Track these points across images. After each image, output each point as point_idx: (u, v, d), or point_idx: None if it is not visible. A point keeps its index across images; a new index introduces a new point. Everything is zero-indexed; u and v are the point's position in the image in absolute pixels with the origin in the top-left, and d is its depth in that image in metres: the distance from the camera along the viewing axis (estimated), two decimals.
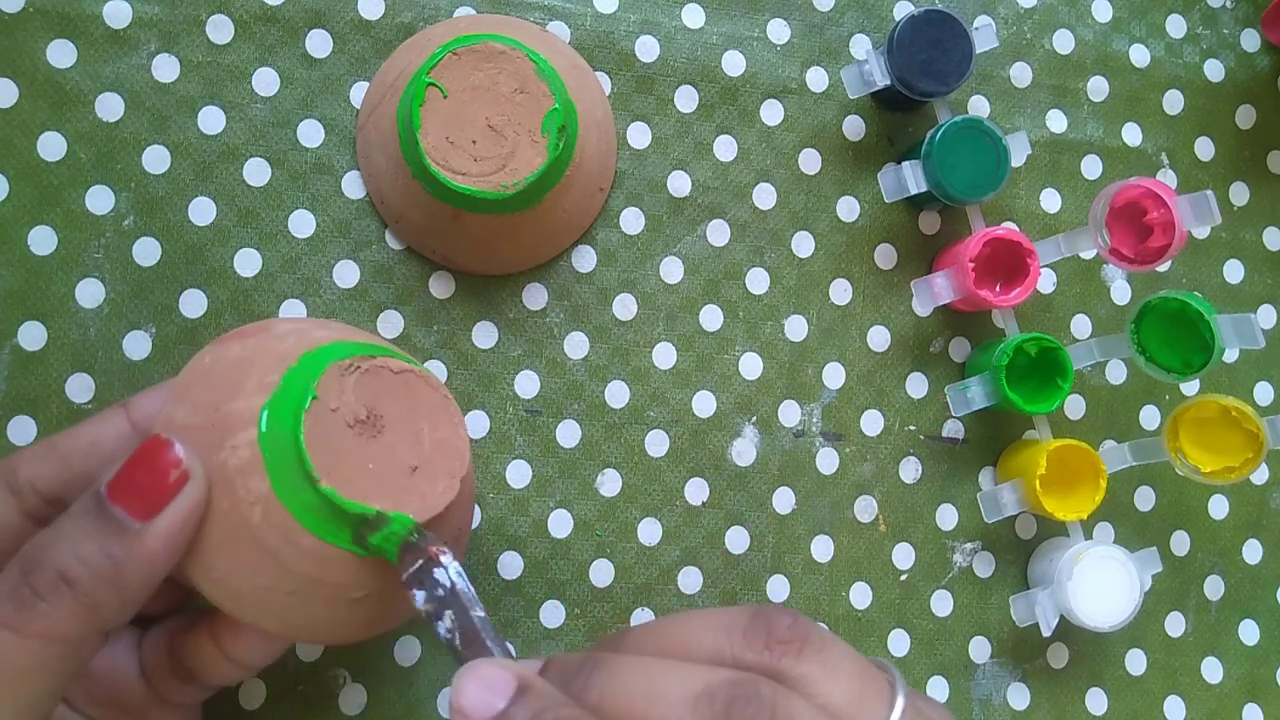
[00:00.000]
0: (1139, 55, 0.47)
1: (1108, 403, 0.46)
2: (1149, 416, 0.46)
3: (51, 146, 0.39)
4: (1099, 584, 0.41)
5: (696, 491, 0.43)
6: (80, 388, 0.39)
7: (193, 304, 0.40)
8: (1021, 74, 0.46)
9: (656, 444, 0.42)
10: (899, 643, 0.43)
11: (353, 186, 0.41)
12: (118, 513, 0.26)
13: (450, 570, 0.28)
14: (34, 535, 0.27)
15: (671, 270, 0.43)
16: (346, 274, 0.41)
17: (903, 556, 0.44)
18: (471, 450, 0.36)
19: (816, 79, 0.44)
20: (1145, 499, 0.46)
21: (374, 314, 0.41)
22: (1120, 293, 0.46)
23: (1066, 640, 0.44)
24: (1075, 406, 0.45)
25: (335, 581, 0.30)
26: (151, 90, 0.40)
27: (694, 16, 0.44)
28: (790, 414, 0.43)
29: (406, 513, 0.29)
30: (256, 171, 0.41)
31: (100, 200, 0.40)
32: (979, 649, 0.44)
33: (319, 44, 0.41)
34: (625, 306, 0.43)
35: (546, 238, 0.41)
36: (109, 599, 0.26)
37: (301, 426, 0.28)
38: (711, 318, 0.43)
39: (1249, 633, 0.46)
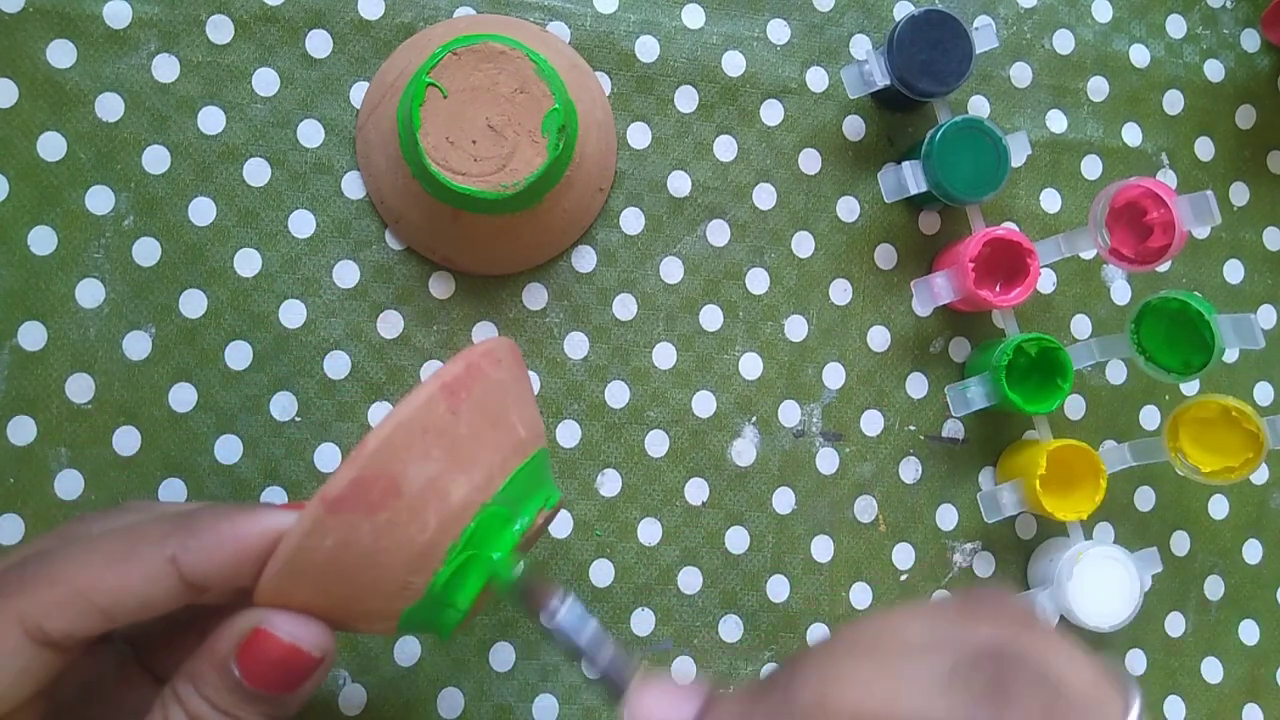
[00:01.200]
0: (1139, 55, 0.47)
1: (1108, 403, 0.46)
2: (1149, 416, 0.46)
3: (51, 146, 0.39)
4: (1099, 584, 0.41)
5: (696, 491, 0.43)
6: (80, 388, 0.39)
7: (193, 304, 0.40)
8: (1021, 74, 0.46)
9: (656, 444, 0.42)
10: None
11: (353, 186, 0.41)
12: (262, 693, 0.27)
13: (559, 619, 0.27)
14: (56, 668, 0.26)
15: (671, 270, 0.43)
16: (346, 274, 0.41)
17: (903, 556, 0.44)
18: None
19: (816, 79, 0.44)
20: (1145, 499, 0.46)
21: (374, 314, 0.41)
22: (1120, 293, 0.46)
23: None
24: (1075, 406, 0.45)
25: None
26: (151, 90, 0.40)
27: (694, 16, 0.44)
28: (790, 414, 0.43)
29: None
30: (256, 171, 0.41)
31: (100, 200, 0.40)
32: None
33: (319, 44, 0.41)
34: (625, 306, 0.43)
35: (546, 238, 0.41)
36: (294, 710, 0.28)
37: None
38: (711, 318, 0.43)
39: (1249, 633, 0.46)
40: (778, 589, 0.43)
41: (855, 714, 0.20)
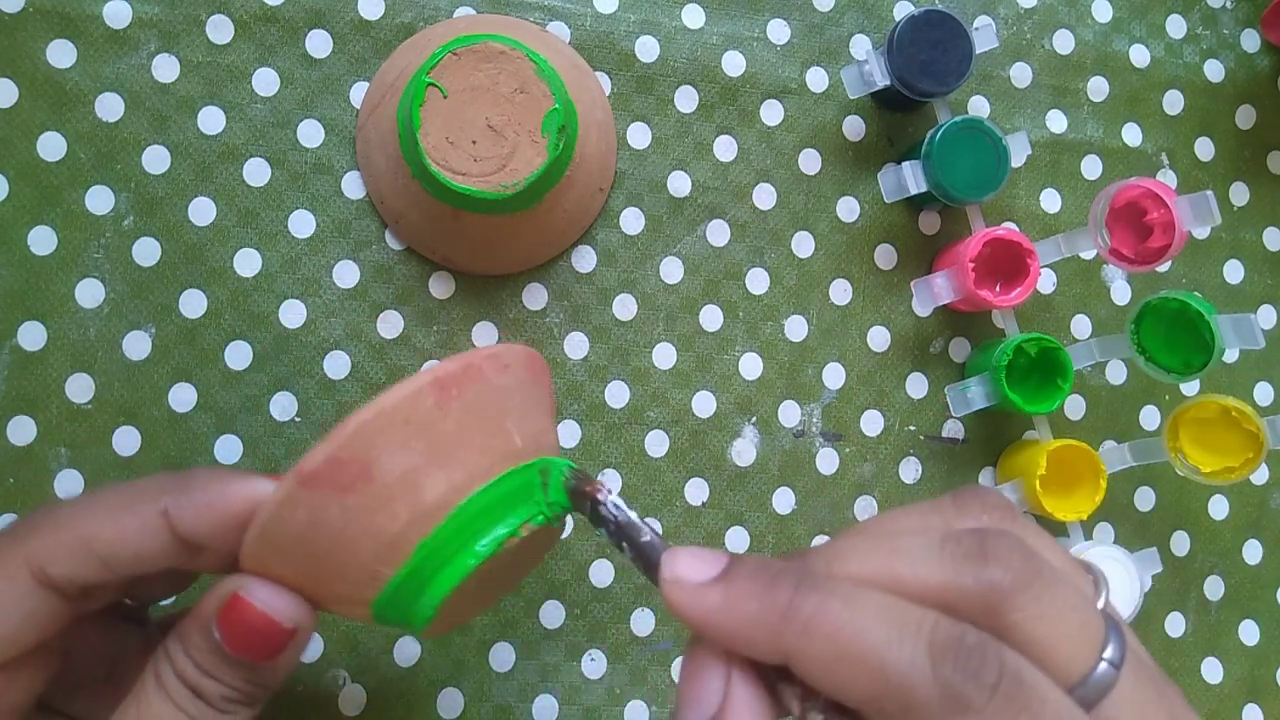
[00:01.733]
0: (1139, 55, 0.47)
1: (1108, 403, 0.46)
2: (1149, 416, 0.46)
3: (51, 146, 0.39)
4: None
5: (696, 492, 0.43)
6: (80, 388, 0.39)
7: (193, 304, 0.40)
8: (1021, 74, 0.46)
9: (656, 444, 0.42)
10: None
11: (353, 186, 0.41)
12: (244, 660, 0.27)
13: (609, 505, 0.27)
14: (65, 615, 0.27)
15: (671, 270, 0.43)
16: (346, 274, 0.41)
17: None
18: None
19: (816, 79, 0.44)
20: (1145, 499, 0.46)
21: (374, 314, 0.41)
22: (1120, 293, 0.46)
23: None
24: (1075, 406, 0.45)
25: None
26: (151, 90, 0.40)
27: (694, 16, 0.44)
28: (790, 414, 0.43)
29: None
30: (256, 171, 0.41)
31: (100, 200, 0.40)
32: None
33: (319, 44, 0.41)
34: (625, 306, 0.43)
35: (546, 238, 0.41)
36: (264, 694, 0.28)
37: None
38: (711, 318, 0.43)
39: (1249, 633, 0.46)
40: None
41: (859, 576, 0.24)
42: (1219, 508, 0.46)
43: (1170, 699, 0.24)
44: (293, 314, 0.41)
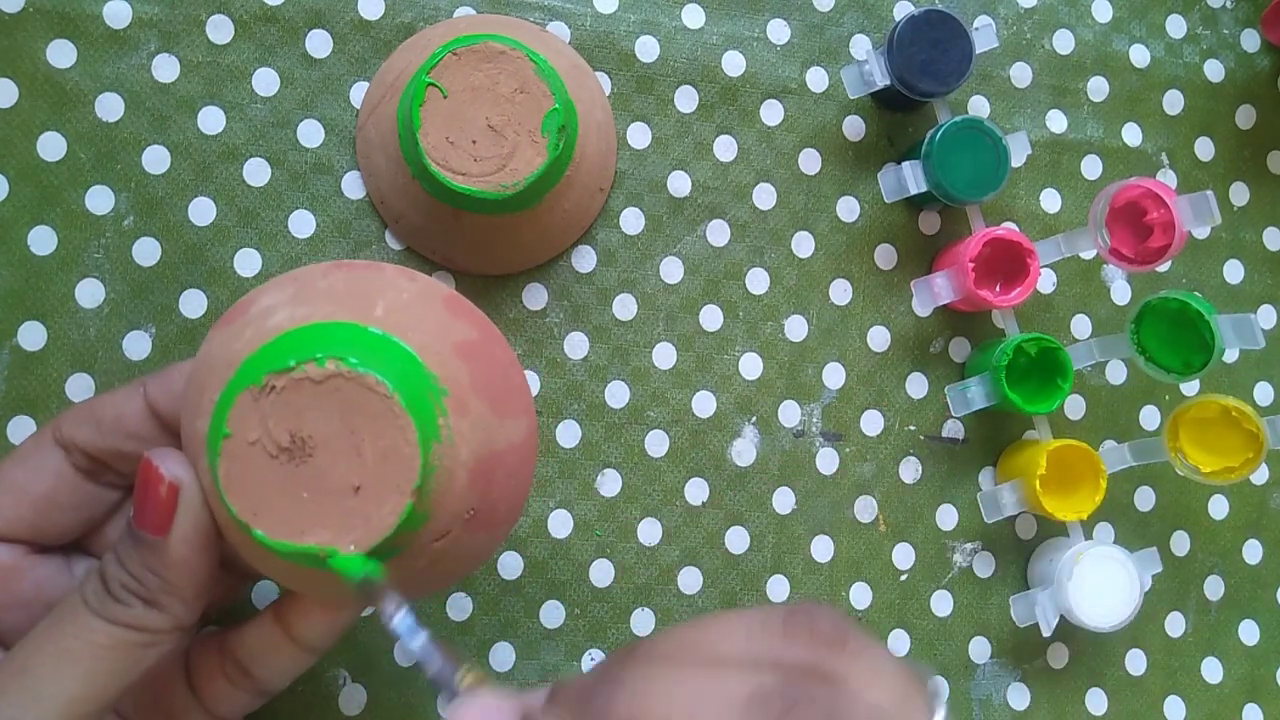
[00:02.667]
0: (1139, 55, 0.47)
1: (1108, 403, 0.46)
2: (1149, 416, 0.46)
3: (51, 146, 0.39)
4: (1099, 584, 0.41)
5: (696, 491, 0.43)
6: (80, 388, 0.39)
7: (193, 304, 0.40)
8: (1021, 74, 0.46)
9: (656, 444, 0.42)
10: (899, 643, 0.43)
11: (353, 186, 0.41)
12: (142, 534, 0.28)
13: (396, 625, 0.26)
14: (85, 489, 0.32)
15: (671, 270, 0.43)
16: None
17: (903, 556, 0.44)
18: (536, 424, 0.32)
19: (816, 79, 0.44)
20: (1145, 499, 0.46)
21: None
22: (1120, 293, 0.46)
23: (1066, 640, 0.44)
24: (1075, 406, 0.45)
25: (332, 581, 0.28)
26: (151, 90, 0.40)
27: (694, 16, 0.44)
28: (790, 414, 0.43)
29: (351, 540, 0.26)
30: (256, 171, 0.41)
31: (100, 200, 0.40)
32: (979, 649, 0.44)
33: (319, 44, 0.41)
34: (625, 306, 0.43)
35: (546, 238, 0.41)
36: (172, 603, 0.28)
37: (218, 470, 0.26)
38: (711, 318, 0.43)
39: (1249, 633, 0.46)
40: (778, 589, 0.43)
41: None
42: (1219, 508, 0.46)
43: None
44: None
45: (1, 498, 0.31)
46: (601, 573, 0.42)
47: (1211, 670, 0.45)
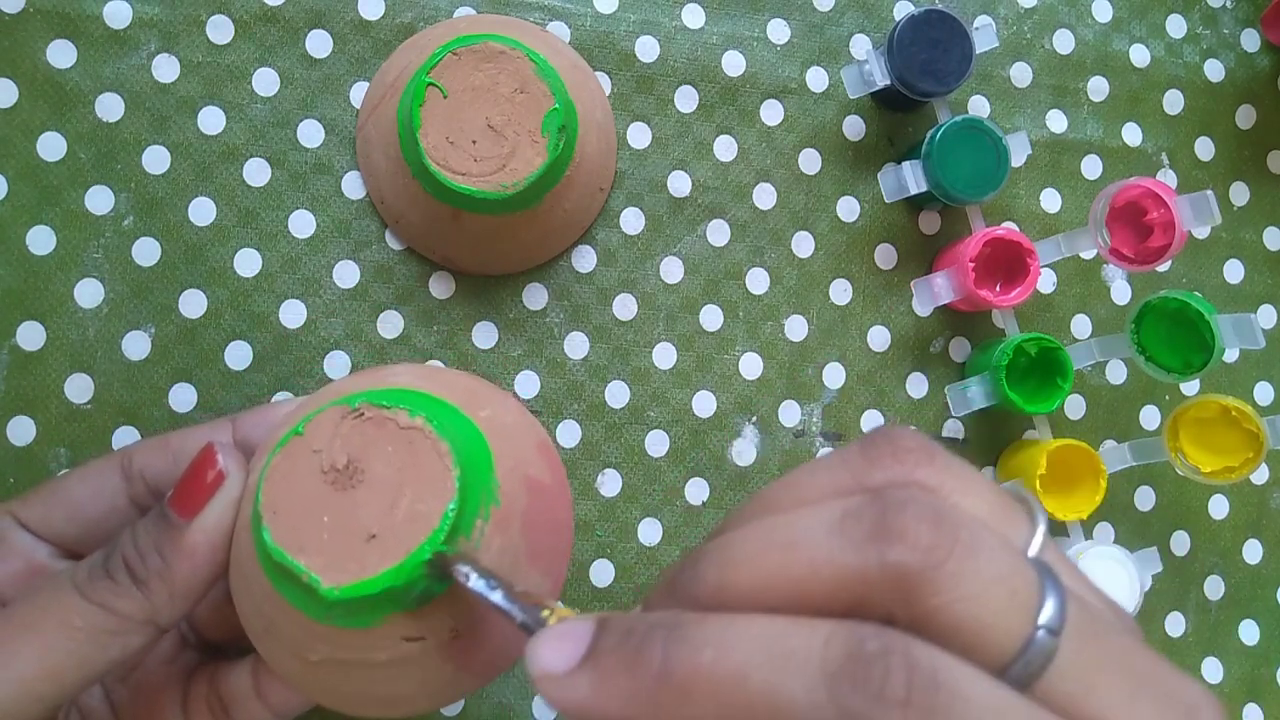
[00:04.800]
0: (1139, 55, 0.47)
1: (1108, 403, 0.46)
2: (1149, 416, 0.46)
3: (51, 146, 0.39)
4: (1099, 584, 0.41)
5: (696, 491, 0.43)
6: (79, 388, 0.39)
7: (192, 304, 0.40)
8: (1021, 74, 0.46)
9: (656, 444, 0.42)
10: None
11: (353, 186, 0.41)
12: (170, 513, 0.28)
13: (472, 586, 0.26)
14: (133, 519, 0.31)
15: (671, 270, 0.43)
16: (346, 274, 0.41)
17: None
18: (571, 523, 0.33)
19: (816, 79, 0.44)
20: (1145, 499, 0.46)
21: (374, 314, 0.41)
22: (1120, 293, 0.46)
23: None
24: (1075, 406, 0.45)
25: (317, 644, 0.28)
26: (151, 90, 0.40)
27: (694, 16, 0.44)
28: (790, 414, 0.43)
29: (335, 580, 0.26)
30: (256, 171, 0.41)
31: (100, 200, 0.40)
32: None
33: (319, 44, 0.41)
34: (625, 306, 0.43)
35: (546, 238, 0.41)
36: (159, 589, 0.28)
37: (270, 460, 0.27)
38: (711, 318, 0.43)
39: (1249, 633, 0.46)
40: None
41: (751, 587, 0.21)
42: (1219, 507, 0.46)
43: (1122, 652, 0.20)
44: (293, 314, 0.41)
45: (58, 508, 0.32)
46: (601, 573, 0.42)
47: (1211, 670, 0.45)
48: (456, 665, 0.29)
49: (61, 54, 0.40)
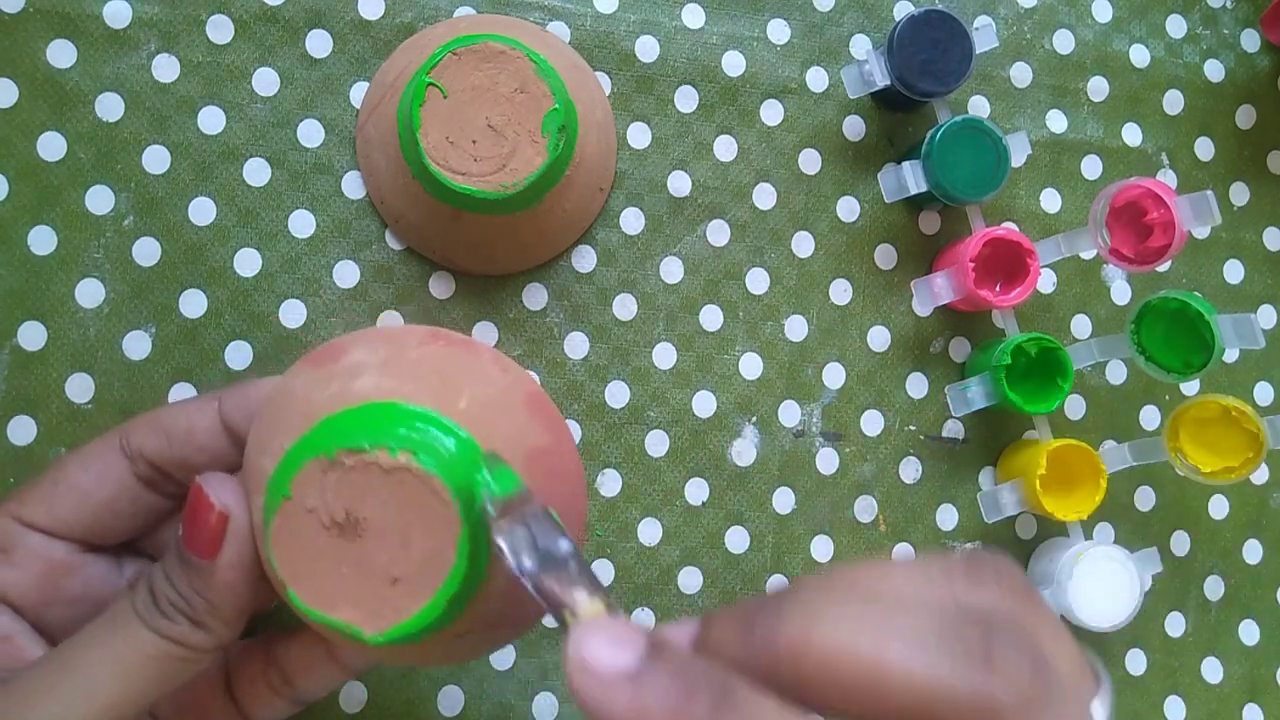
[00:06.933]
0: (1139, 55, 0.47)
1: (1108, 403, 0.46)
2: (1149, 416, 0.46)
3: (51, 146, 0.39)
4: (1099, 584, 0.41)
5: (696, 491, 0.43)
6: (80, 388, 0.39)
7: (193, 304, 0.40)
8: (1021, 74, 0.46)
9: (656, 444, 0.42)
10: None
11: (353, 186, 0.41)
12: (191, 557, 0.29)
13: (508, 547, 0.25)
14: (144, 498, 0.33)
15: (671, 270, 0.43)
16: (346, 274, 0.41)
17: (903, 556, 0.44)
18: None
19: (816, 79, 0.44)
20: (1145, 499, 0.46)
21: (374, 314, 0.41)
22: (1120, 293, 0.46)
23: None
24: (1075, 406, 0.45)
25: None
26: (151, 90, 0.40)
27: (694, 16, 0.44)
28: (790, 414, 0.43)
29: (377, 627, 0.27)
30: (256, 171, 0.41)
31: (100, 200, 0.40)
32: None
33: (319, 44, 0.41)
34: (625, 306, 0.43)
35: (546, 238, 0.41)
36: (216, 625, 0.29)
37: (270, 527, 0.27)
38: (711, 318, 0.43)
39: (1249, 633, 0.46)
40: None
41: (840, 652, 0.20)
42: (1219, 508, 0.46)
43: None
44: (293, 314, 0.41)
45: (63, 499, 0.32)
46: (601, 573, 0.42)
47: (1211, 670, 0.45)
48: (509, 629, 0.30)
49: (61, 54, 0.40)
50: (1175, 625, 0.45)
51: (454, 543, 0.26)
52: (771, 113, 0.44)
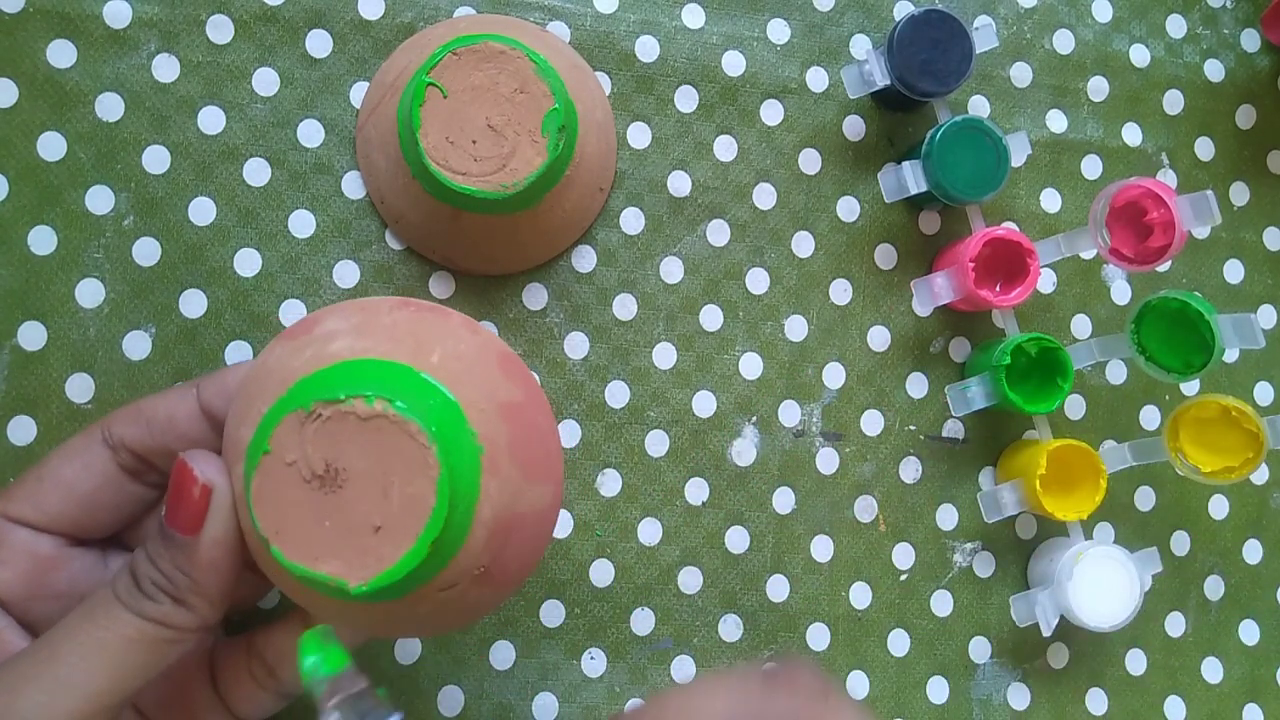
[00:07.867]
0: (1139, 55, 0.47)
1: (1108, 403, 0.46)
2: (1149, 416, 0.46)
3: (51, 146, 0.39)
4: (1099, 584, 0.41)
5: (696, 491, 0.43)
6: (80, 388, 0.39)
7: (193, 304, 0.40)
8: (1021, 74, 0.46)
9: (656, 444, 0.42)
10: (899, 643, 0.43)
11: (353, 186, 0.41)
12: (174, 534, 0.29)
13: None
14: (128, 489, 0.33)
15: (671, 270, 0.43)
16: (346, 274, 0.41)
17: (903, 556, 0.44)
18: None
19: (816, 79, 0.44)
20: (1145, 499, 0.46)
21: None
22: (1120, 293, 0.46)
23: (1066, 640, 0.44)
24: (1075, 406, 0.45)
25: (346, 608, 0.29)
26: (151, 90, 0.40)
27: (694, 16, 0.44)
28: (790, 414, 0.43)
29: (361, 578, 0.26)
30: (256, 171, 0.41)
31: (100, 200, 0.40)
32: (979, 649, 0.44)
33: (319, 44, 0.41)
34: (625, 306, 0.43)
35: (546, 238, 0.41)
36: (199, 603, 0.29)
37: (250, 482, 0.27)
38: (711, 318, 0.43)
39: (1249, 633, 0.46)
40: (777, 589, 0.43)
41: None
42: (1219, 508, 0.46)
43: None
44: (293, 314, 0.41)
45: (48, 493, 0.32)
46: (601, 572, 0.42)
47: (1211, 670, 0.45)
48: (493, 588, 0.30)
49: (61, 54, 0.40)
50: (1175, 625, 0.45)
51: (433, 486, 0.26)
52: (771, 113, 0.44)
